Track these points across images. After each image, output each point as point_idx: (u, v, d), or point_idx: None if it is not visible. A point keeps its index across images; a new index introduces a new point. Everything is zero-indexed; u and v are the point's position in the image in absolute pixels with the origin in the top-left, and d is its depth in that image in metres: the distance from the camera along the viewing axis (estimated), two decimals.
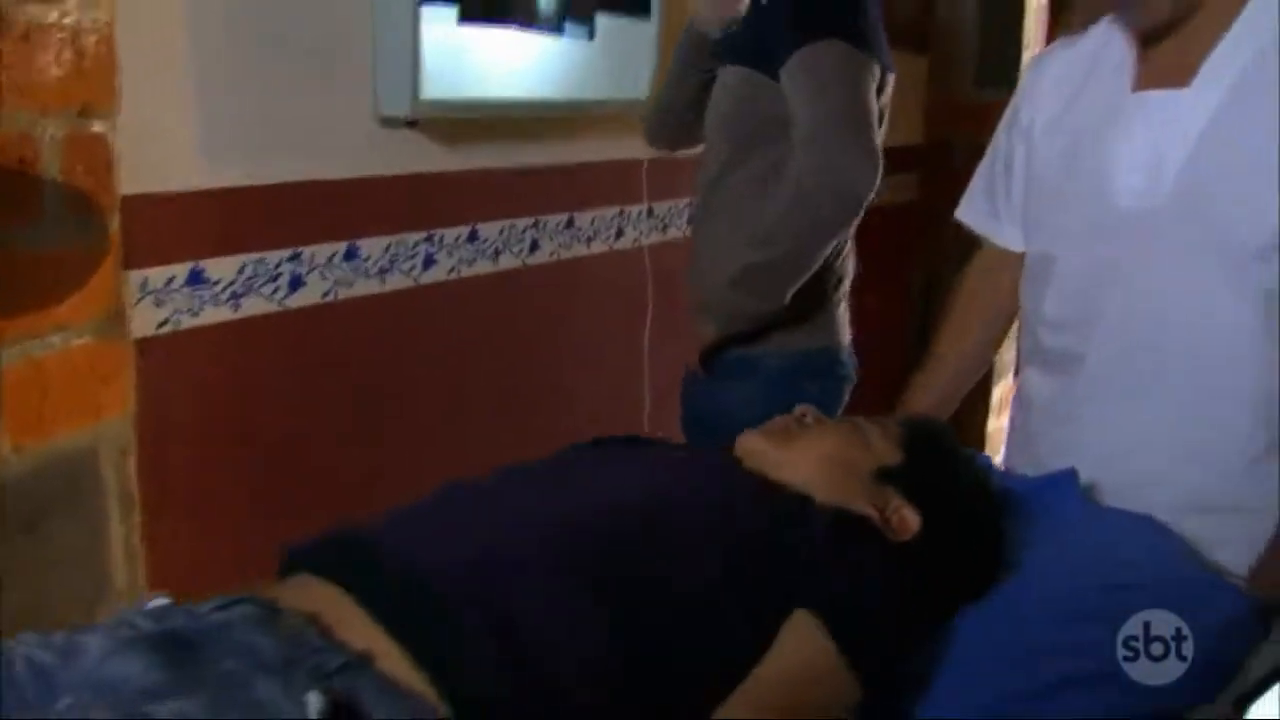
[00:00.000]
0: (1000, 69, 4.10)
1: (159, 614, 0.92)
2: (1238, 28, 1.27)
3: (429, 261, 2.19)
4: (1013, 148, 1.56)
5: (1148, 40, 1.35)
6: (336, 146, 1.98)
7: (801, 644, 1.03)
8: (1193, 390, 1.34)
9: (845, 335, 2.09)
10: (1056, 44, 1.60)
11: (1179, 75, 1.30)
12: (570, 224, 2.52)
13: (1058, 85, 1.49)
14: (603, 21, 2.32)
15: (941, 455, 1.29)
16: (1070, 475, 1.38)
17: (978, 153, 4.50)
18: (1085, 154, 1.40)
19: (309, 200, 1.94)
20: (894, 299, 4.21)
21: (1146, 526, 1.31)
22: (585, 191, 2.53)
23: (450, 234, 2.22)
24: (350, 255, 2.02)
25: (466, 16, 2.04)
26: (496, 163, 2.29)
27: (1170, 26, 1.31)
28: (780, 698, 1.00)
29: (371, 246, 2.06)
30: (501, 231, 2.34)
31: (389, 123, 2.02)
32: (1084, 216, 1.41)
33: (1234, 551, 1.32)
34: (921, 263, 4.22)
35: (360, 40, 1.97)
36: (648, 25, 2.41)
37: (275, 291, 1.90)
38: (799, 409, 1.29)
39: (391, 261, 2.10)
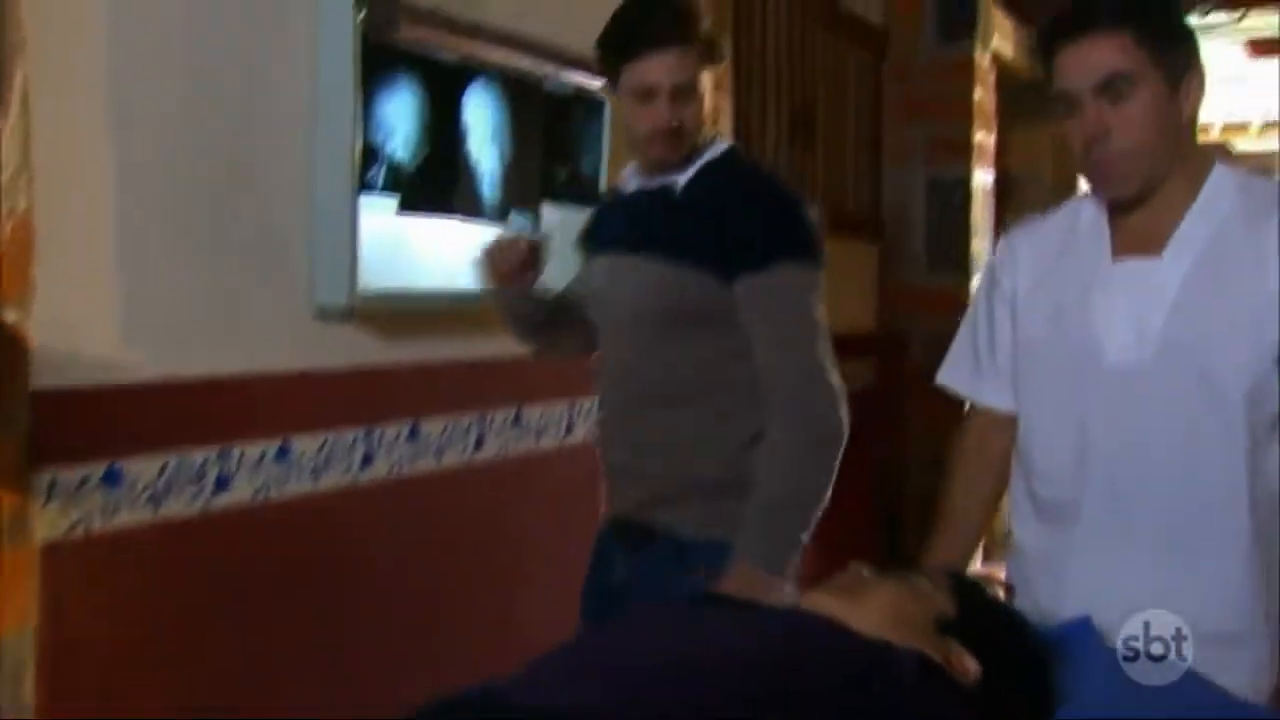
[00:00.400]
0: (950, 255, 4.15)
1: None
2: (1200, 202, 1.45)
3: (367, 460, 2.09)
4: (994, 313, 1.66)
5: (1119, 211, 1.51)
6: (269, 339, 1.91)
7: None
8: (1186, 528, 1.44)
9: None
10: (1027, 222, 1.74)
11: (1152, 245, 1.46)
12: (518, 419, 2.44)
13: (1035, 256, 1.61)
14: (548, 212, 2.30)
15: (990, 605, 1.33)
16: (1087, 624, 1.37)
17: (932, 338, 4.49)
18: (1071, 316, 1.52)
19: (239, 395, 1.86)
20: (853, 489, 4.12)
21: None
22: (533, 385, 2.46)
23: (390, 430, 2.13)
24: (282, 453, 1.92)
25: (407, 206, 2.01)
26: (439, 356, 2.22)
27: (1140, 199, 1.46)
28: None
29: (305, 444, 1.96)
30: (445, 428, 2.25)
31: (325, 314, 1.96)
32: (1073, 373, 1.52)
33: (1236, 677, 1.34)
34: (880, 449, 4.16)
35: (296, 229, 1.92)
36: None
37: (199, 493, 1.79)
38: (854, 565, 1.32)
39: (327, 460, 2.00)
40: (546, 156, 2.32)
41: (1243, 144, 12.78)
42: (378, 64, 1.93)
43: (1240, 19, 4.70)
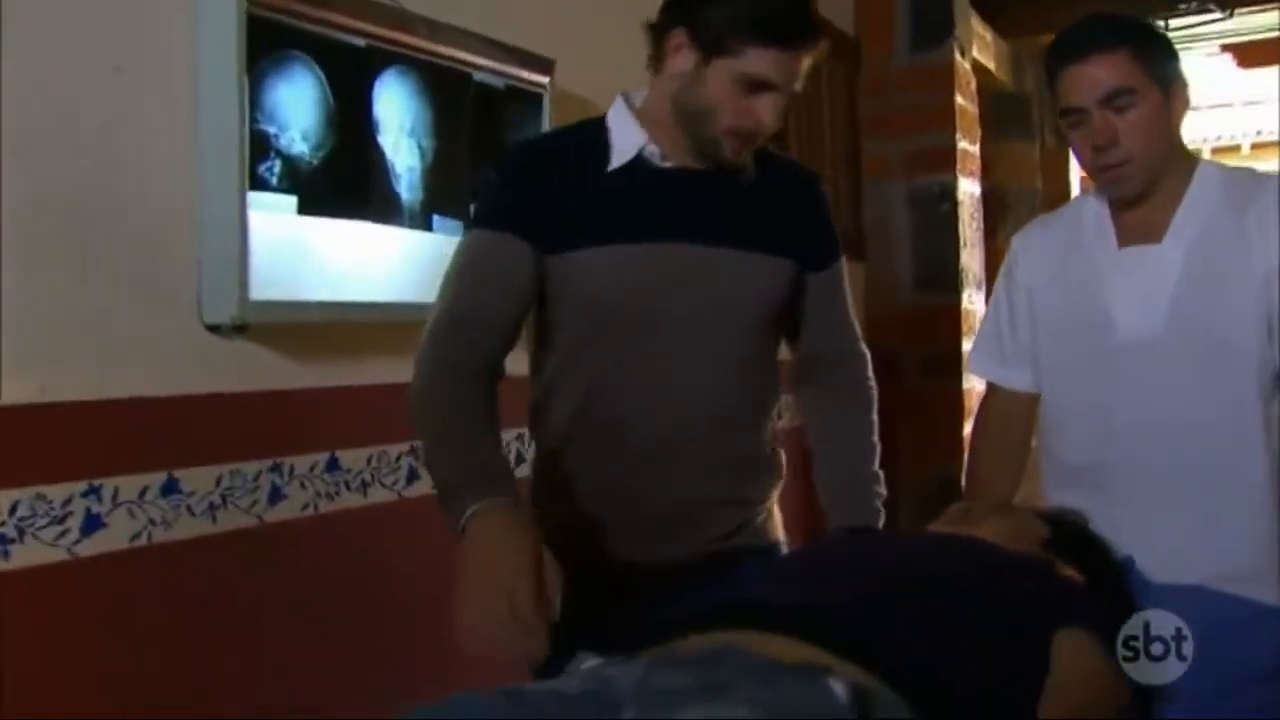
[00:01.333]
0: (938, 272, 3.91)
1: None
2: (1189, 196, 1.67)
3: (276, 495, 1.85)
4: (1014, 303, 1.85)
5: (1121, 207, 1.72)
6: (151, 358, 1.67)
7: (1083, 658, 1.20)
8: (1210, 478, 1.61)
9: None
10: (1036, 221, 2.01)
11: (1153, 233, 1.68)
12: None
13: (1047, 251, 1.82)
14: None
15: (1077, 529, 1.57)
16: (1129, 561, 1.61)
17: (927, 361, 4.21)
18: (1086, 301, 1.72)
19: (114, 421, 1.62)
20: None
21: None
22: None
23: (303, 462, 1.89)
24: (169, 489, 1.68)
25: (309, 207, 1.78)
26: (360, 379, 1.98)
27: (1141, 197, 1.68)
28: (1074, 711, 1.17)
29: (198, 478, 1.72)
30: (370, 459, 2.01)
31: (217, 330, 1.73)
32: (1090, 349, 1.72)
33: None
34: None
35: (180, 234, 1.70)
36: None
37: (63, 535, 1.54)
38: (956, 505, 1.59)
39: (225, 496, 1.76)
40: (476, 155, 2.10)
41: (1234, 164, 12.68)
42: (268, 45, 1.71)
43: (1228, 17, 4.49)
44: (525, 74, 2.18)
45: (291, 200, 1.75)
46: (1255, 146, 12.30)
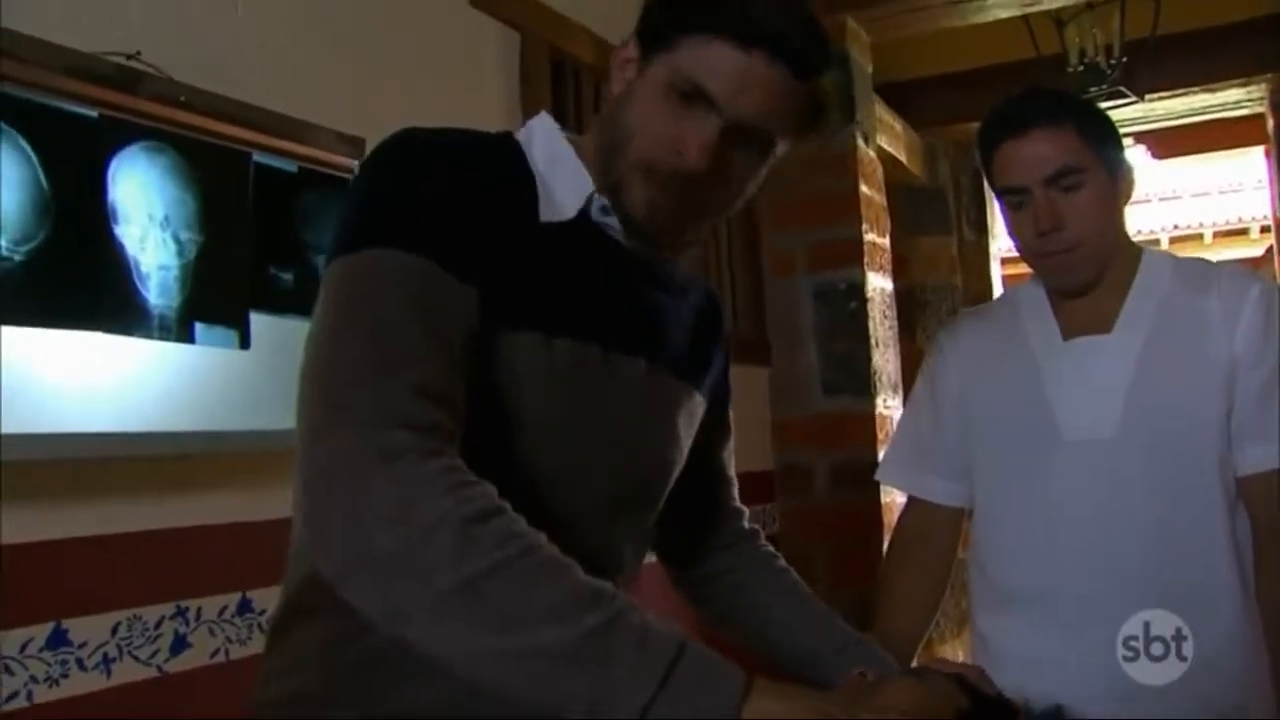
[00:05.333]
0: (848, 374, 3.58)
1: None
2: (1139, 283, 1.56)
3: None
4: (938, 404, 1.70)
5: (1064, 296, 1.59)
6: None
7: None
8: (1175, 600, 1.39)
9: None
10: (963, 314, 1.97)
11: (1102, 323, 1.56)
12: (249, 607, 1.78)
13: (979, 345, 1.68)
14: (259, 323, 1.70)
15: (996, 699, 1.28)
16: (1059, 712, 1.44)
17: (838, 471, 3.84)
18: (1026, 399, 1.58)
19: None
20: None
21: None
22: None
23: (21, 636, 1.47)
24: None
25: (9, 316, 1.40)
26: (103, 528, 1.58)
27: (1088, 285, 1.56)
28: None
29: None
30: (121, 624, 1.60)
31: None
32: (1032, 452, 1.56)
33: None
34: None
35: None
36: None
37: None
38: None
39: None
40: (262, 251, 1.73)
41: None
42: None
43: (1136, 102, 4.29)
44: (324, 154, 1.82)
45: None
46: (1174, 240, 12.38)
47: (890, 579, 1.73)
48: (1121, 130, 5.45)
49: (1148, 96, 4.30)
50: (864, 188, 3.65)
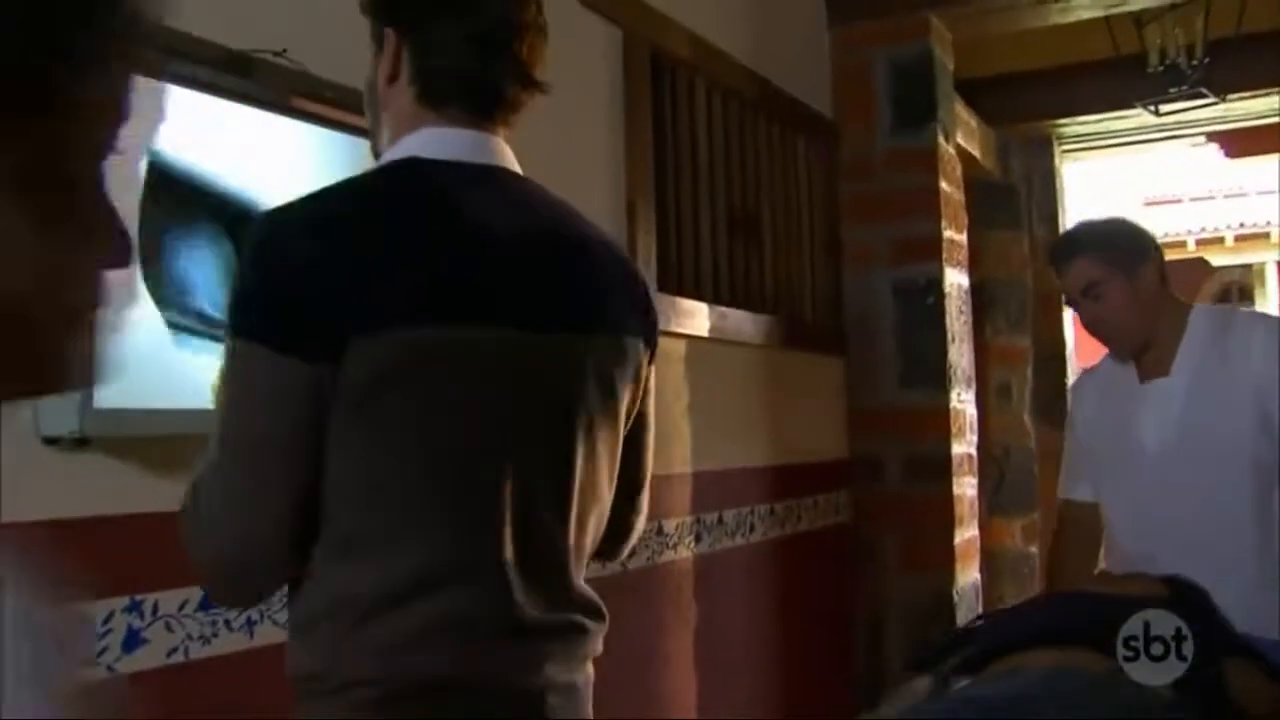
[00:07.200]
0: (925, 367, 3.64)
1: None
2: (1187, 338, 2.19)
3: (135, 640, 1.54)
4: (1076, 436, 2.43)
5: (1136, 355, 2.26)
6: None
7: None
8: (1202, 555, 1.85)
9: None
10: (1083, 372, 2.63)
11: (1163, 369, 2.21)
12: None
13: (1094, 392, 2.41)
14: None
15: (1189, 586, 1.48)
16: None
17: (913, 464, 3.87)
18: (1121, 425, 2.26)
19: None
20: (833, 637, 3.54)
21: None
22: None
23: (170, 599, 1.58)
24: None
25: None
26: None
27: (1145, 348, 2.23)
28: None
29: None
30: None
31: (55, 443, 1.43)
32: (1128, 463, 2.25)
33: None
34: (861, 593, 3.58)
35: None
36: None
37: None
38: None
39: None
40: None
41: (1219, 259, 12.57)
42: None
43: (1219, 101, 4.29)
44: None
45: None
46: (1239, 239, 12.24)
47: (1060, 557, 2.48)
48: (1195, 129, 5.38)
49: (1229, 96, 4.30)
50: (944, 184, 3.70)
